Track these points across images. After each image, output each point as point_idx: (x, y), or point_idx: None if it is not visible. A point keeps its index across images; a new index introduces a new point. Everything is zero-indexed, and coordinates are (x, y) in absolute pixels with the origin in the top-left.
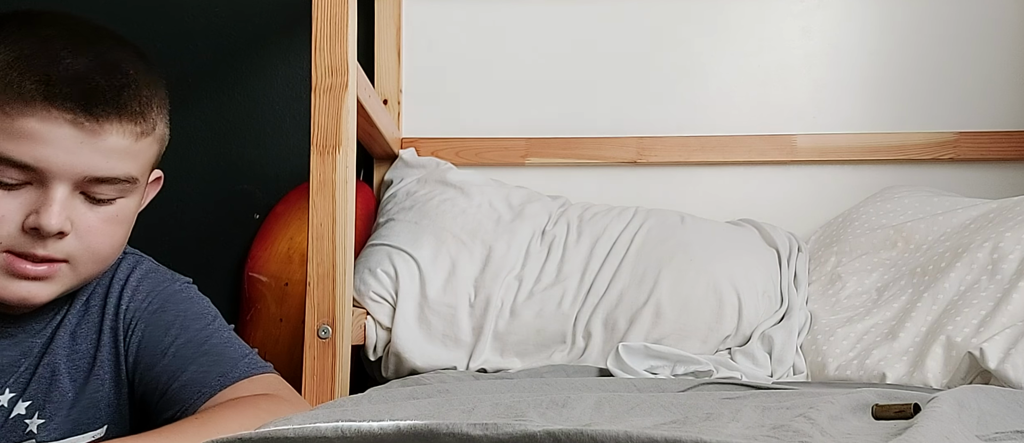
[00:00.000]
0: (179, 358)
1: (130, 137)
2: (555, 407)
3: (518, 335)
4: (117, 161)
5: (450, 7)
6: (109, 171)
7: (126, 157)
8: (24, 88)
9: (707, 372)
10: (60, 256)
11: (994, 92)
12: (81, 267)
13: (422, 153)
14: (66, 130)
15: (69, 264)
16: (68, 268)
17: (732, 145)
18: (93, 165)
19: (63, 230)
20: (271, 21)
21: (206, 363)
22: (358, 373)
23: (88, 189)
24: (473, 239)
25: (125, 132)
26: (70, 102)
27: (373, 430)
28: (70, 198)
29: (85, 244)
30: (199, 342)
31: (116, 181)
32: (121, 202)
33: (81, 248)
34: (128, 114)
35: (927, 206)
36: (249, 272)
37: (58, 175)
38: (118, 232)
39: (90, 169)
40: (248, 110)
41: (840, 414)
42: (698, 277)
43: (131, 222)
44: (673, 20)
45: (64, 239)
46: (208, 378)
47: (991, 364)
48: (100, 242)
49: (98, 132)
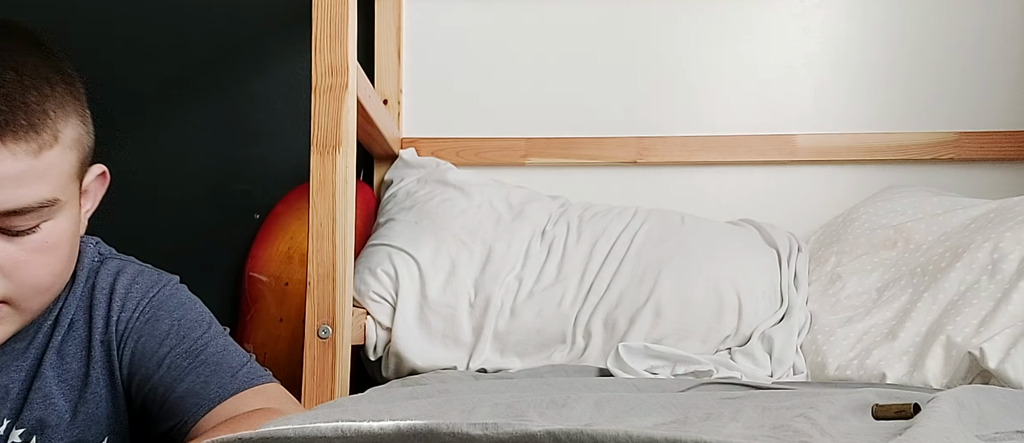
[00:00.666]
0: (176, 369)
1: (26, 157)
2: (555, 407)
3: (518, 335)
4: (19, 188)
5: (450, 7)
6: (14, 202)
7: (29, 180)
8: None
9: (707, 372)
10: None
11: (994, 92)
12: (25, 302)
13: (422, 153)
14: None
15: (10, 305)
16: (10, 309)
17: (732, 145)
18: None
19: None
20: (271, 21)
21: (204, 374)
22: (358, 373)
23: (2, 225)
24: (473, 239)
25: (17, 153)
26: None
27: (373, 430)
28: None
29: (17, 282)
30: (196, 352)
31: (27, 210)
32: (46, 227)
33: (15, 286)
34: (13, 133)
35: (927, 206)
36: (249, 272)
37: None
38: (53, 259)
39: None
40: (248, 110)
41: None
42: (698, 277)
43: (70, 240)
44: (673, 20)
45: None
46: (206, 390)
47: (991, 364)
48: (35, 275)
49: None
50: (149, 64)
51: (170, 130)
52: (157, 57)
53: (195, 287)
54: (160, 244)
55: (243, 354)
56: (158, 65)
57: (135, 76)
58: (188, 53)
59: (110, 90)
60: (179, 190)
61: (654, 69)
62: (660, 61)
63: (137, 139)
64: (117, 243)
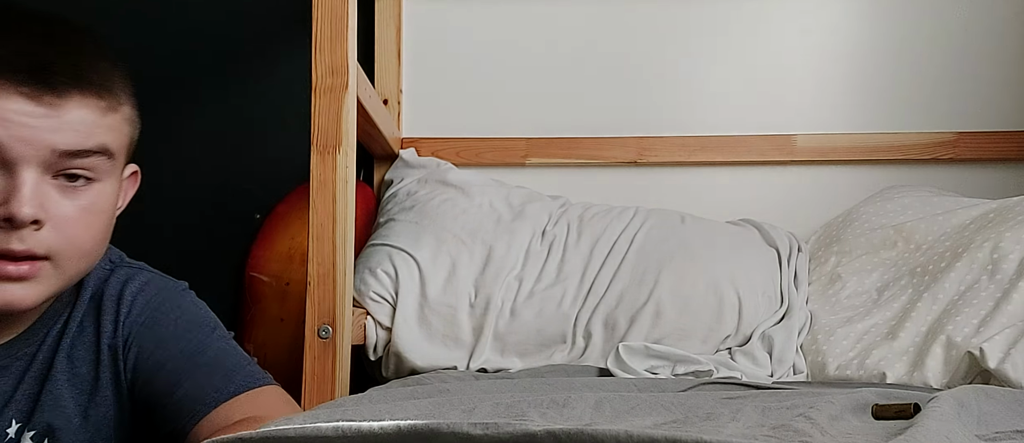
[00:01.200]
0: (176, 371)
1: (95, 111)
2: (555, 407)
3: (518, 335)
4: (86, 134)
5: (450, 7)
6: (78, 143)
7: (96, 131)
8: None
9: (707, 372)
10: (40, 252)
11: (994, 92)
12: (64, 263)
13: (422, 153)
14: (24, 106)
15: (51, 262)
16: (51, 267)
17: (732, 145)
18: (61, 140)
19: (37, 218)
20: (271, 21)
21: (202, 376)
22: (358, 373)
23: (61, 167)
24: (473, 239)
25: (89, 105)
26: (25, 76)
27: (373, 430)
28: (41, 184)
29: (65, 236)
30: (195, 354)
31: (89, 152)
32: (97, 187)
33: (61, 241)
34: (89, 85)
35: (927, 206)
36: (250, 272)
37: (22, 157)
38: (97, 223)
39: (56, 143)
40: (248, 110)
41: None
42: (698, 277)
43: (111, 215)
44: (673, 20)
45: (41, 231)
46: (204, 392)
47: (991, 364)
48: (80, 234)
49: (58, 105)
50: (149, 64)
51: (170, 130)
52: (157, 57)
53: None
54: (160, 244)
55: (243, 357)
56: (158, 65)
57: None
58: (188, 53)
59: None
60: (180, 190)
61: (654, 69)
62: (660, 61)
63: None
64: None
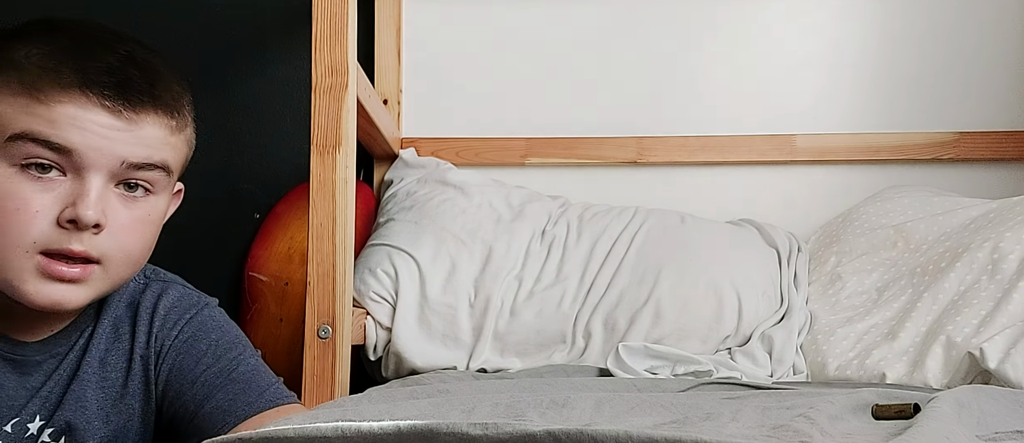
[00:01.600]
0: (208, 386)
1: (165, 129)
2: (555, 407)
3: (518, 335)
4: (154, 149)
5: (450, 7)
6: (146, 157)
7: (163, 147)
8: (62, 75)
9: (707, 372)
10: (95, 255)
11: (994, 92)
12: (113, 268)
13: (422, 153)
14: (104, 118)
15: (102, 266)
16: (101, 270)
17: (732, 145)
18: (129, 152)
19: (99, 222)
20: (271, 21)
21: (233, 391)
22: (358, 373)
23: (125, 177)
24: (473, 239)
25: (161, 124)
26: (107, 90)
27: (373, 430)
28: (105, 191)
29: (119, 243)
30: (228, 371)
31: (152, 167)
32: (152, 200)
33: (115, 247)
34: (163, 106)
35: (927, 206)
36: (249, 272)
37: (94, 163)
38: (148, 233)
39: (127, 155)
40: (248, 110)
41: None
42: (698, 277)
43: (158, 227)
44: (673, 20)
45: (99, 235)
46: (234, 407)
47: (991, 364)
48: (132, 242)
49: (135, 121)
50: None
51: None
52: None
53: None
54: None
55: (272, 375)
56: None
57: None
58: (188, 53)
59: None
60: None
61: (654, 69)
62: (660, 61)
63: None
64: None
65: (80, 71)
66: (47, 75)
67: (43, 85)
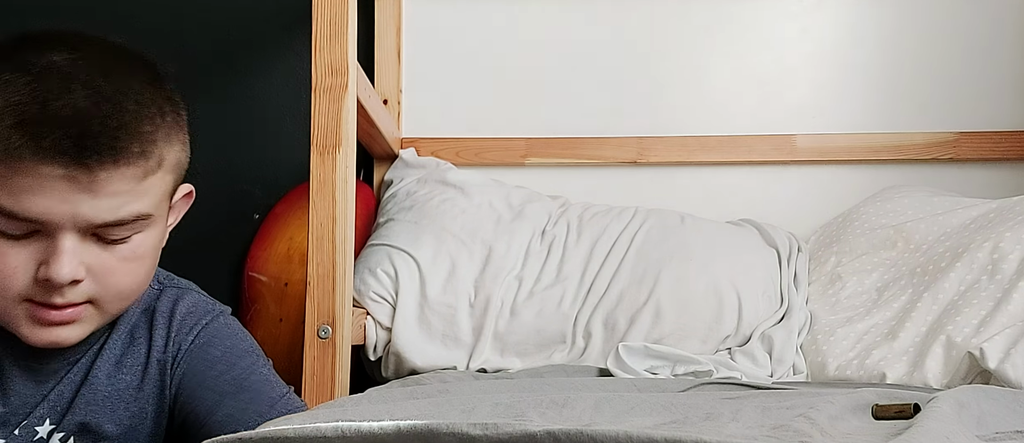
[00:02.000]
0: (219, 392)
1: (131, 181)
2: (555, 407)
3: (518, 335)
4: (122, 205)
5: (450, 7)
6: (115, 216)
7: (132, 198)
8: (12, 143)
9: (707, 372)
10: (81, 301)
11: (994, 92)
12: (107, 306)
13: (422, 153)
14: (60, 184)
15: (93, 305)
16: (93, 308)
17: (732, 145)
18: (95, 214)
19: (76, 278)
20: (271, 21)
21: (244, 400)
22: (358, 373)
23: (99, 233)
24: (473, 239)
25: (125, 177)
26: (60, 155)
27: (373, 430)
28: (81, 244)
29: (105, 285)
30: (241, 379)
31: (125, 222)
32: (138, 238)
33: (101, 290)
34: (126, 157)
35: (927, 206)
36: (249, 272)
37: (61, 225)
38: (140, 268)
39: (93, 217)
40: (248, 110)
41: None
42: (698, 277)
43: (155, 253)
44: (673, 20)
45: (82, 284)
46: (245, 415)
47: (991, 364)
48: (121, 282)
49: (94, 182)
50: None
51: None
52: (157, 57)
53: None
54: None
55: (283, 386)
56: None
57: None
58: (188, 53)
59: None
60: None
61: (654, 69)
62: (660, 61)
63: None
64: None
65: (32, 137)
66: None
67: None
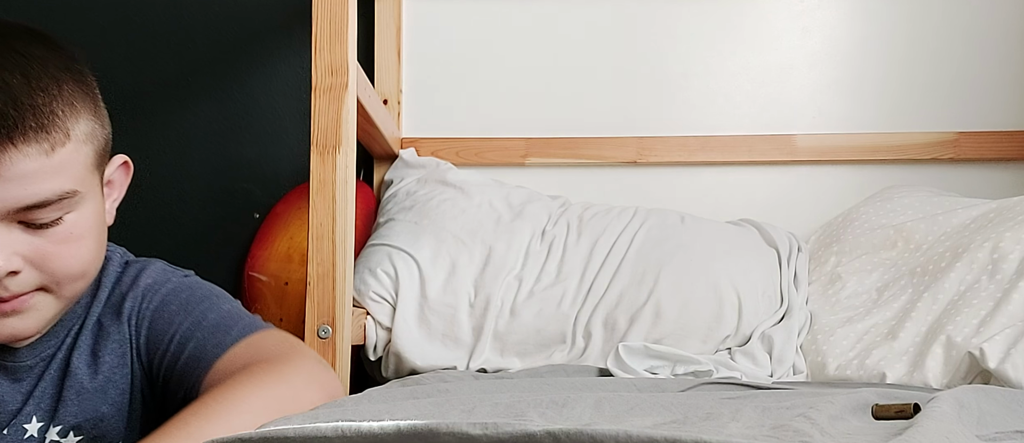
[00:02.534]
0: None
1: (38, 157)
2: (555, 407)
3: (518, 335)
4: (35, 185)
5: (450, 7)
6: (33, 197)
7: (45, 177)
8: None
9: (707, 372)
10: (28, 290)
11: (994, 92)
12: (60, 290)
13: (422, 153)
14: None
15: (46, 291)
16: (47, 294)
17: (732, 145)
18: (10, 199)
19: (12, 269)
20: (271, 21)
21: (202, 338)
22: (358, 373)
23: (24, 218)
24: (473, 239)
25: (28, 155)
26: None
27: (373, 430)
28: (7, 234)
29: (50, 272)
30: (198, 322)
31: (48, 203)
32: (70, 218)
33: (47, 276)
34: (22, 134)
35: (927, 206)
36: (249, 271)
37: None
38: (81, 249)
39: (9, 203)
40: (248, 110)
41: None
42: (698, 277)
43: (97, 228)
44: (673, 20)
45: (22, 274)
46: (204, 352)
47: (991, 364)
48: (66, 265)
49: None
50: (149, 64)
51: (170, 130)
52: (157, 57)
53: None
54: (160, 243)
55: (245, 315)
56: (158, 65)
57: (135, 76)
58: (188, 53)
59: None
60: (179, 189)
61: (654, 69)
62: (660, 61)
63: (137, 139)
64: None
65: None
66: None
67: None
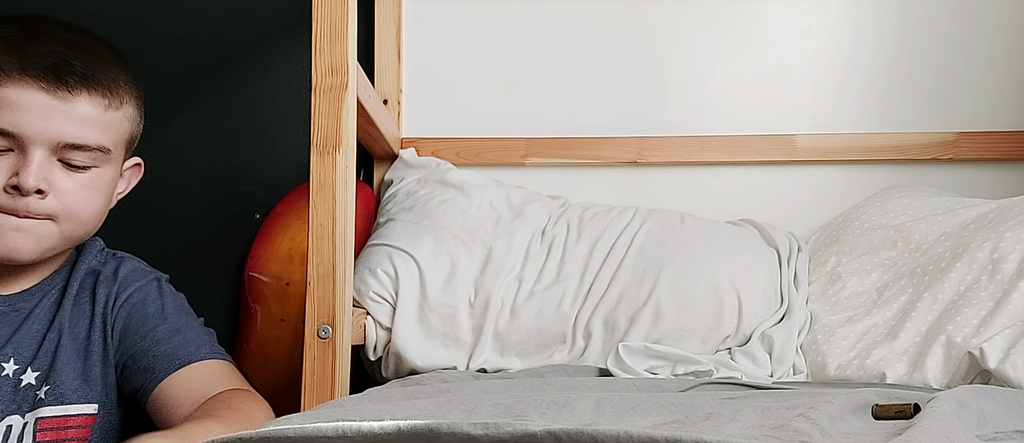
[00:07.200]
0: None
1: (99, 107)
2: (555, 407)
3: (518, 335)
4: (87, 129)
5: (450, 7)
6: (81, 138)
7: (96, 126)
8: (3, 62)
9: (707, 372)
10: (43, 214)
11: (994, 92)
12: (63, 225)
13: (422, 153)
14: (39, 97)
15: (53, 221)
16: (52, 225)
17: (732, 145)
18: (65, 131)
19: (41, 188)
20: (271, 21)
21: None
22: (358, 373)
23: (64, 156)
24: (473, 239)
25: (94, 102)
26: (43, 72)
27: (373, 430)
28: (48, 162)
29: (65, 205)
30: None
31: (88, 148)
32: (96, 171)
33: (61, 208)
34: (96, 85)
35: (927, 206)
36: (249, 272)
37: (34, 140)
38: (96, 198)
39: (63, 135)
40: (248, 110)
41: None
42: (698, 277)
43: (108, 192)
44: (674, 20)
45: (45, 199)
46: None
47: (991, 364)
48: (79, 205)
49: (68, 99)
50: (149, 64)
51: (170, 130)
52: (157, 57)
53: (195, 287)
54: (160, 244)
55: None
56: (158, 65)
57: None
58: (188, 53)
59: None
60: (179, 190)
61: (654, 69)
62: (660, 61)
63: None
64: (118, 242)
65: (20, 56)
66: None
67: None
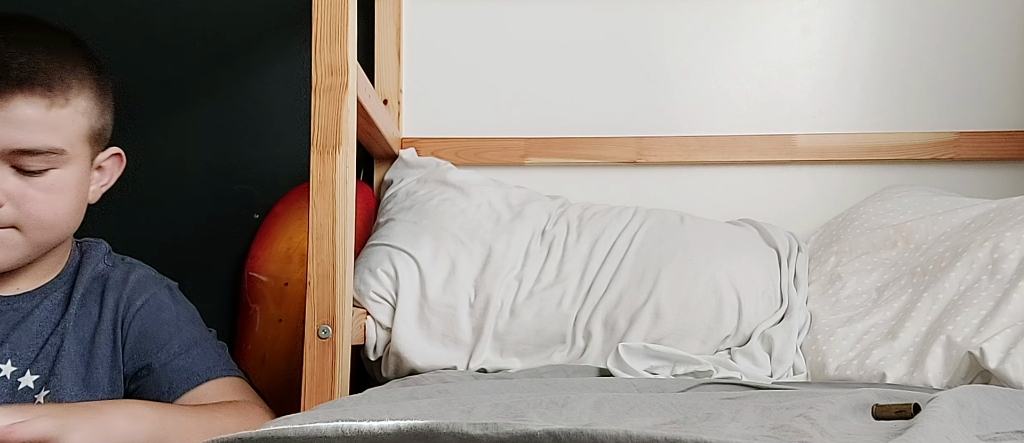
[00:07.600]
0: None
1: (39, 108)
2: (555, 407)
3: (518, 335)
4: (31, 132)
5: (450, 7)
6: (27, 142)
7: (40, 128)
8: None
9: (707, 372)
10: (5, 224)
11: (994, 92)
12: (32, 234)
13: (422, 153)
14: None
15: (17, 230)
16: (17, 234)
17: (732, 145)
18: (9, 137)
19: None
20: (271, 21)
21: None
22: (358, 373)
23: (16, 162)
24: (473, 239)
25: (33, 103)
26: None
27: (373, 430)
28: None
29: (25, 213)
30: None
31: (38, 152)
32: (54, 173)
33: (22, 216)
34: (34, 86)
35: (927, 206)
36: (249, 272)
37: None
38: (60, 200)
39: (6, 142)
40: (247, 110)
41: (840, 414)
42: (698, 277)
43: (77, 192)
44: (673, 20)
45: (3, 209)
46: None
47: (991, 364)
48: (41, 210)
49: (3, 105)
50: (148, 64)
51: (169, 130)
52: (156, 57)
53: (194, 287)
54: (160, 244)
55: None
56: (157, 65)
57: (134, 76)
58: (187, 53)
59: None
60: (178, 190)
61: (653, 69)
62: (659, 61)
63: (136, 139)
64: (118, 242)
65: None
66: None
67: None
